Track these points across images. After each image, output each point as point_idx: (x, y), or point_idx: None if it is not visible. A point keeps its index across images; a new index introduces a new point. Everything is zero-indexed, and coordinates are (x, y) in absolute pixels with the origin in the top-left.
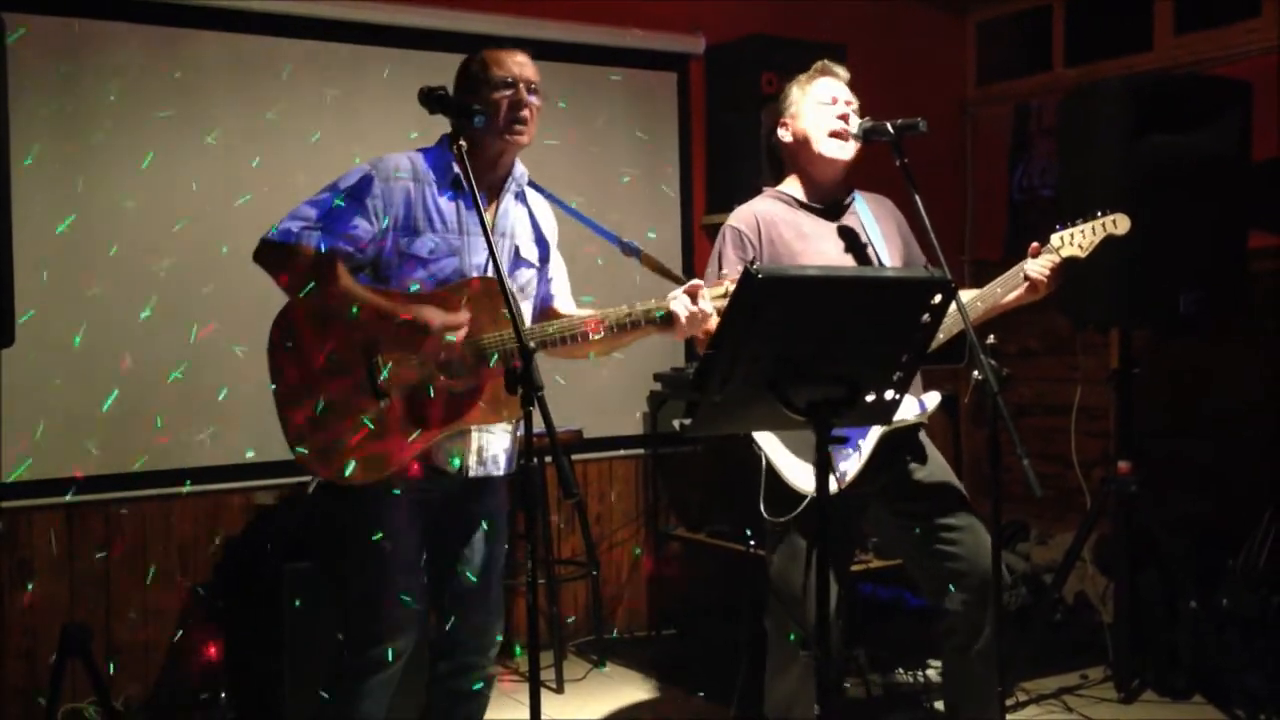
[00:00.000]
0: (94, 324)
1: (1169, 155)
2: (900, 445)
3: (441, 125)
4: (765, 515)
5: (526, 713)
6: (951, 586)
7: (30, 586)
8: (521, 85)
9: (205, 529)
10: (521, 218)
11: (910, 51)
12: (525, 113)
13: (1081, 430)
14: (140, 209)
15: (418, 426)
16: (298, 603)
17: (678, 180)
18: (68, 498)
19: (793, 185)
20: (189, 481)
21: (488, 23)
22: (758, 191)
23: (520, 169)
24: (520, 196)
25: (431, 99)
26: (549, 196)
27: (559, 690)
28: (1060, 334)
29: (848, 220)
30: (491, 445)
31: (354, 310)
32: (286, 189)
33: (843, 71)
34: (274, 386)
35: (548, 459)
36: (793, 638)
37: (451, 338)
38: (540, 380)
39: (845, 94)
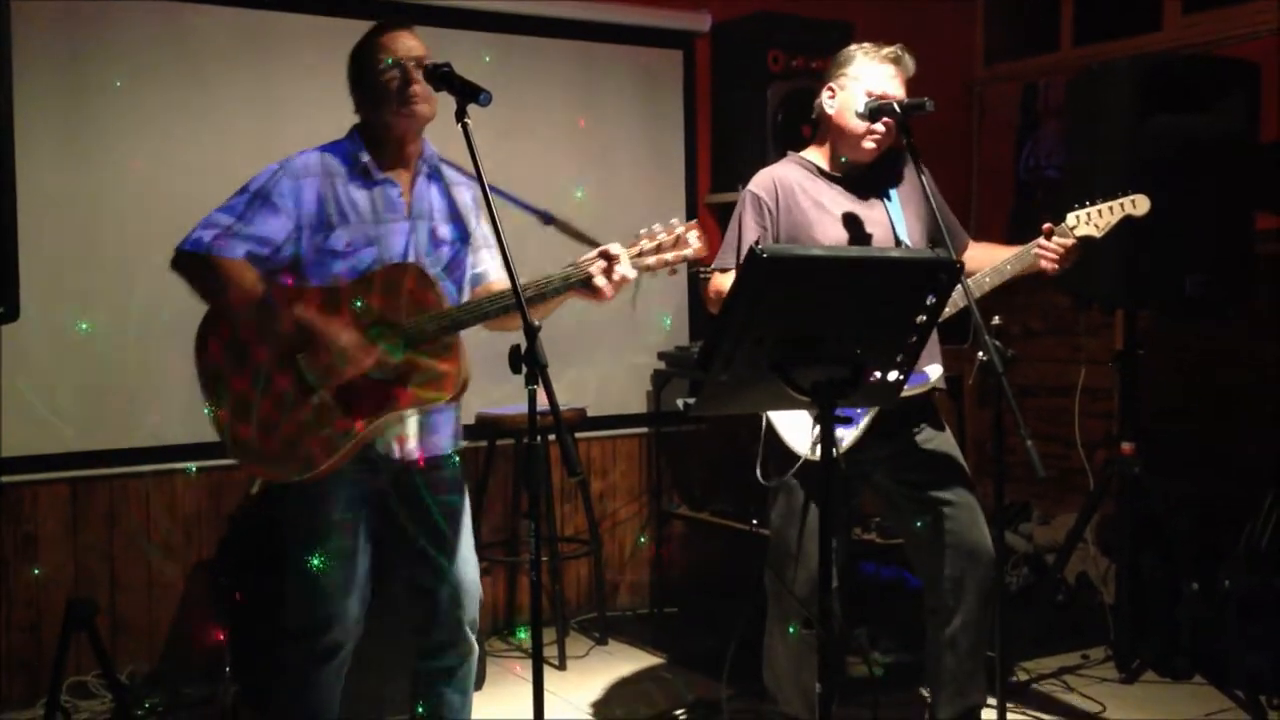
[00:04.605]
0: (100, 299)
1: (1176, 136)
2: (907, 416)
3: (448, 101)
4: (760, 479)
5: (530, 689)
6: (938, 562)
7: (35, 561)
8: (409, 64)
9: (210, 504)
10: (435, 198)
11: (917, 30)
12: (414, 89)
13: (1085, 411)
14: (148, 184)
15: (352, 418)
16: None
17: (683, 158)
18: (73, 472)
19: (818, 153)
20: (193, 468)
21: (497, 0)
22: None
23: (430, 149)
24: (433, 176)
25: (435, 75)
26: (463, 172)
27: (561, 667)
28: (1064, 315)
29: (871, 194)
30: (431, 427)
31: (268, 317)
32: None
33: (910, 66)
34: (206, 402)
35: (551, 437)
36: (792, 630)
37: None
38: (545, 358)
39: (900, 92)
